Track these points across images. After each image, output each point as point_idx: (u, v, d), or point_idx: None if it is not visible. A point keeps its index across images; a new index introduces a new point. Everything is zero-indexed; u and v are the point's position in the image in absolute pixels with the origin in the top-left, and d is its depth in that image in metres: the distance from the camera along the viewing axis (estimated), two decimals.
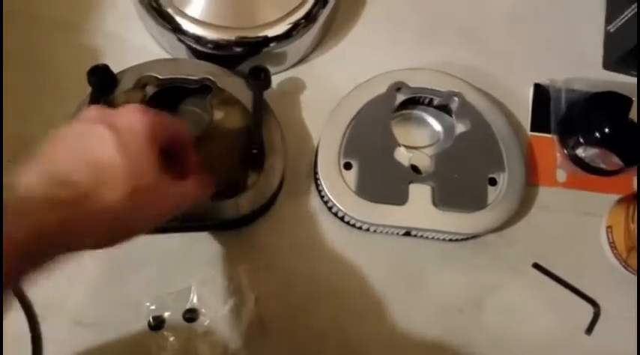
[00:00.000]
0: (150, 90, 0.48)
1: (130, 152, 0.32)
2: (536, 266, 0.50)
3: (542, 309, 0.50)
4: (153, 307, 0.46)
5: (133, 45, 0.54)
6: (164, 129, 0.35)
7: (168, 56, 0.53)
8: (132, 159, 0.32)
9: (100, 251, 0.47)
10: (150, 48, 0.54)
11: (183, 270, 0.47)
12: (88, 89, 0.45)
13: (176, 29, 0.49)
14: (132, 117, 0.33)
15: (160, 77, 0.48)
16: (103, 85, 0.46)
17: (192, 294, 0.46)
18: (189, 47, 0.51)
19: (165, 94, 0.48)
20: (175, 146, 0.37)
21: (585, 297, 0.50)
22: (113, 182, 0.31)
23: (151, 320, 0.46)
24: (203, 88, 0.48)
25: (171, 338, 0.45)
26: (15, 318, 0.45)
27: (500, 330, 0.49)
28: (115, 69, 0.47)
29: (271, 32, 0.50)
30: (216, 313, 0.46)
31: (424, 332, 0.48)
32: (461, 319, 0.49)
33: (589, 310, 0.50)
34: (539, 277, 0.50)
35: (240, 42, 0.50)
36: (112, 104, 0.46)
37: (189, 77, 0.48)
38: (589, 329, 0.49)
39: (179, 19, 0.49)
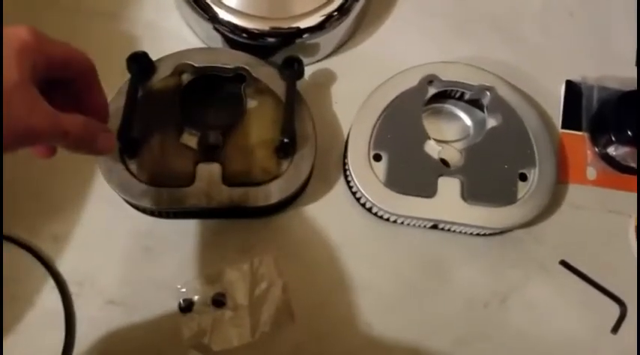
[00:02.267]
0: (186, 77, 0.48)
1: None
2: (564, 263, 0.50)
3: (568, 307, 0.49)
4: (183, 290, 0.47)
5: (170, 34, 0.55)
6: (48, 47, 0.32)
7: (204, 46, 0.54)
8: None
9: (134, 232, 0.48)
10: (186, 37, 0.55)
11: (214, 255, 0.48)
12: (127, 76, 0.46)
13: (212, 18, 0.50)
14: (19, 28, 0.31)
15: (196, 65, 0.48)
16: (142, 71, 0.46)
17: (221, 279, 0.47)
18: (224, 36, 0.51)
19: (201, 82, 0.49)
20: (70, 74, 0.35)
21: (612, 296, 0.49)
22: None
23: (181, 302, 0.47)
24: (238, 77, 0.49)
25: (200, 321, 0.46)
26: (49, 295, 0.47)
27: (525, 327, 0.49)
28: (153, 57, 0.47)
29: (304, 23, 0.50)
30: (245, 298, 0.47)
31: (448, 326, 0.48)
32: (486, 314, 0.49)
33: (615, 309, 0.49)
34: (566, 275, 0.50)
35: (274, 32, 0.50)
36: (149, 90, 0.47)
37: (225, 66, 0.49)
38: (615, 329, 0.49)
39: (215, 8, 0.50)
